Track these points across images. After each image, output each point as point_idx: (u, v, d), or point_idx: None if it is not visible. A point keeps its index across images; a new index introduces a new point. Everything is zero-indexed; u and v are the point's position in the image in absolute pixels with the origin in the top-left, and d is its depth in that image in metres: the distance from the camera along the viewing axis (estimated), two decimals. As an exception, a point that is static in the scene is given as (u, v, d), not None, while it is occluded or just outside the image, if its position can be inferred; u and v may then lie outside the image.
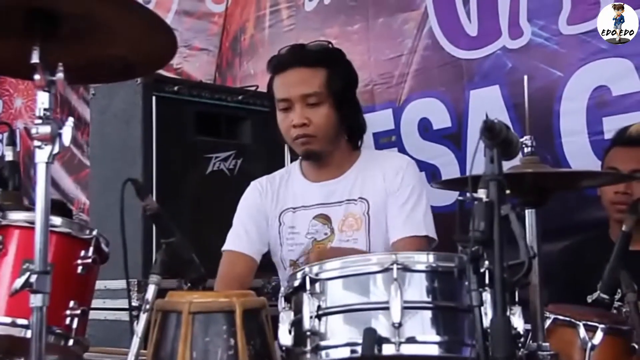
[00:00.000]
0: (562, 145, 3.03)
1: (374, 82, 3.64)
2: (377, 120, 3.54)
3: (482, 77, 3.26)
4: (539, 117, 2.97)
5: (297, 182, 2.57)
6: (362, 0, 3.75)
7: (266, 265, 2.61)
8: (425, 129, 3.46)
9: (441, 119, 3.41)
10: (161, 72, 3.47)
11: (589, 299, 1.98)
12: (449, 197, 3.15)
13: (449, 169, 3.28)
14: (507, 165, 1.62)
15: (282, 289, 2.53)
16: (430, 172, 3.36)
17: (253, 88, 3.53)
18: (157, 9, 4.62)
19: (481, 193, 1.50)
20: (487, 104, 3.15)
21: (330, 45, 2.58)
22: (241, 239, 2.53)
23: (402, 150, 3.50)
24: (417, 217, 2.40)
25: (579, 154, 2.95)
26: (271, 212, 2.55)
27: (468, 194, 1.49)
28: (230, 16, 4.43)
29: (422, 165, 3.30)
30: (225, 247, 2.55)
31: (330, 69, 2.45)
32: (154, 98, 3.16)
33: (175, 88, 3.24)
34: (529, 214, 1.86)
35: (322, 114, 2.43)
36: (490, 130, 1.50)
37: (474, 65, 3.29)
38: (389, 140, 3.57)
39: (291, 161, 3.16)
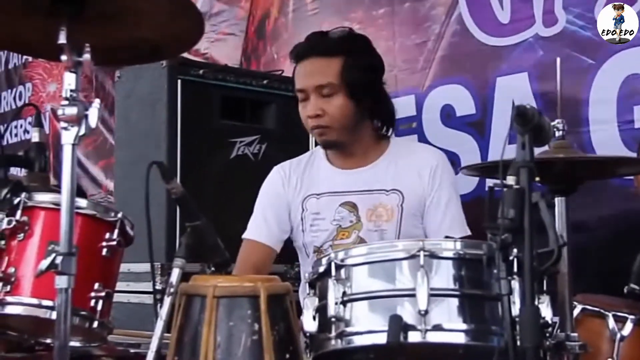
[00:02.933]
0: (589, 133, 2.98)
1: (398, 68, 3.60)
2: (399, 107, 3.43)
3: (511, 65, 3.21)
4: (568, 105, 2.92)
5: (323, 167, 2.55)
6: (388, -16, 3.72)
7: (288, 252, 2.60)
8: (447, 115, 3.43)
9: (465, 105, 3.37)
10: (188, 57, 3.46)
11: (625, 290, 1.95)
12: (471, 183, 3.13)
13: (470, 157, 3.24)
14: (536, 151, 1.59)
15: (302, 275, 2.56)
16: (449, 160, 3.31)
17: (278, 72, 3.51)
18: None
19: (511, 180, 1.47)
20: (514, 91, 3.11)
21: (351, 32, 2.52)
22: (260, 227, 2.53)
23: (422, 137, 3.47)
24: (460, 218, 2.42)
25: (608, 143, 2.90)
26: (294, 198, 2.53)
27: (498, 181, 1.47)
28: (256, 0, 4.42)
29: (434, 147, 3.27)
30: (245, 235, 2.55)
31: (347, 58, 2.40)
32: (179, 81, 3.16)
33: (201, 72, 3.24)
34: (559, 202, 1.83)
35: (336, 105, 2.40)
36: (522, 115, 1.47)
37: (503, 53, 3.24)
38: (409, 126, 3.54)
39: (316, 146, 3.14)
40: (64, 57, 1.53)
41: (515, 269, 1.47)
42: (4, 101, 6.41)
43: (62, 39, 1.52)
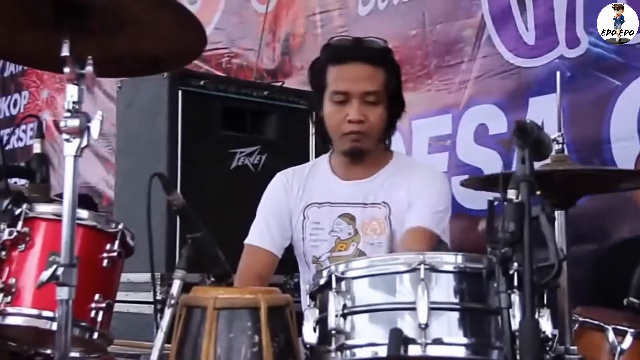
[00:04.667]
0: (611, 150, 3.01)
1: (436, 87, 3.64)
2: (436, 125, 3.57)
3: (541, 85, 3.23)
4: (591, 123, 2.99)
5: (325, 177, 2.55)
6: (417, 6, 3.76)
7: (288, 262, 2.61)
8: (481, 134, 3.46)
9: (498, 125, 3.40)
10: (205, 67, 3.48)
11: (625, 302, 1.96)
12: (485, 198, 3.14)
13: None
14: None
15: (302, 284, 2.56)
16: (475, 175, 3.33)
17: (279, 83, 3.52)
18: (204, 8, 4.64)
19: (511, 194, 1.48)
20: (546, 111, 3.12)
21: (386, 43, 2.52)
22: (263, 234, 2.53)
23: (453, 154, 3.50)
24: (432, 217, 2.36)
25: (629, 160, 2.90)
26: (295, 206, 2.53)
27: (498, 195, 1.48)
28: (275, 16, 4.43)
29: (470, 169, 3.31)
30: (247, 241, 2.54)
31: (388, 69, 2.43)
32: (180, 92, 3.17)
33: (202, 82, 3.24)
34: (559, 216, 1.83)
35: (378, 114, 2.40)
36: (522, 130, 1.48)
37: (533, 74, 3.28)
38: (444, 144, 3.58)
39: (316, 156, 3.15)
40: (66, 70, 1.54)
41: (515, 283, 1.47)
42: (-4, 109, 6.41)
43: (65, 52, 1.53)
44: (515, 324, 1.45)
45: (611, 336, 1.89)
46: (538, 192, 1.50)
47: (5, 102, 6.31)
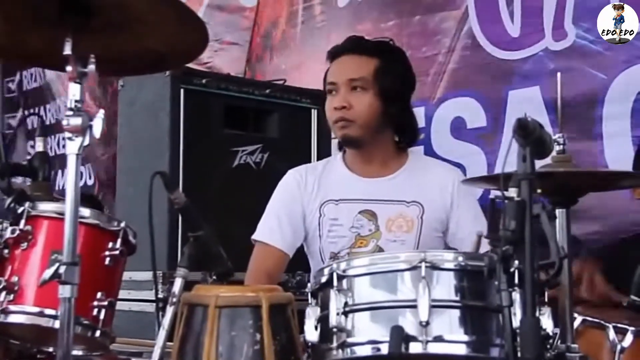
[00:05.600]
0: (603, 147, 3.00)
1: None
2: None
3: (523, 78, 3.23)
4: (581, 119, 2.97)
5: (340, 174, 2.56)
6: (399, -2, 3.75)
7: (290, 260, 2.61)
8: (457, 128, 3.44)
9: (476, 118, 3.38)
10: (191, 66, 3.47)
11: (625, 304, 1.96)
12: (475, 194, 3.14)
13: (477, 169, 3.26)
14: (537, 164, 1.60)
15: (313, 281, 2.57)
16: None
17: (281, 82, 3.53)
18: (189, 2, 4.62)
19: (512, 192, 1.48)
20: (526, 104, 3.11)
21: (391, 41, 2.59)
22: (274, 231, 2.53)
23: (430, 148, 3.48)
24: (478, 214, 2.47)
25: (621, 157, 2.90)
26: (310, 203, 2.53)
27: (498, 192, 1.48)
28: (262, 11, 4.43)
29: (452, 165, 3.28)
30: (258, 237, 2.54)
31: (383, 61, 2.46)
32: (182, 90, 3.17)
33: (204, 81, 3.25)
34: (559, 214, 1.83)
35: (365, 101, 2.43)
36: (523, 128, 1.48)
37: (515, 66, 3.27)
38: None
39: (318, 157, 3.17)
40: (68, 68, 1.54)
41: (516, 281, 1.47)
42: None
43: (68, 50, 1.53)
44: (516, 321, 1.45)
45: (612, 334, 1.89)
46: (539, 191, 1.50)
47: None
